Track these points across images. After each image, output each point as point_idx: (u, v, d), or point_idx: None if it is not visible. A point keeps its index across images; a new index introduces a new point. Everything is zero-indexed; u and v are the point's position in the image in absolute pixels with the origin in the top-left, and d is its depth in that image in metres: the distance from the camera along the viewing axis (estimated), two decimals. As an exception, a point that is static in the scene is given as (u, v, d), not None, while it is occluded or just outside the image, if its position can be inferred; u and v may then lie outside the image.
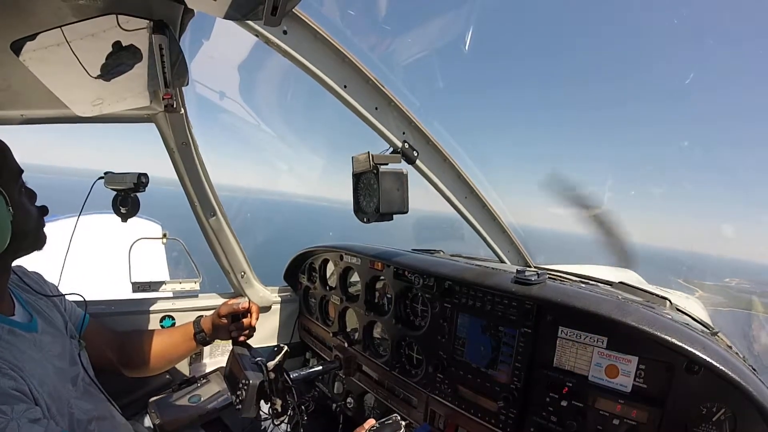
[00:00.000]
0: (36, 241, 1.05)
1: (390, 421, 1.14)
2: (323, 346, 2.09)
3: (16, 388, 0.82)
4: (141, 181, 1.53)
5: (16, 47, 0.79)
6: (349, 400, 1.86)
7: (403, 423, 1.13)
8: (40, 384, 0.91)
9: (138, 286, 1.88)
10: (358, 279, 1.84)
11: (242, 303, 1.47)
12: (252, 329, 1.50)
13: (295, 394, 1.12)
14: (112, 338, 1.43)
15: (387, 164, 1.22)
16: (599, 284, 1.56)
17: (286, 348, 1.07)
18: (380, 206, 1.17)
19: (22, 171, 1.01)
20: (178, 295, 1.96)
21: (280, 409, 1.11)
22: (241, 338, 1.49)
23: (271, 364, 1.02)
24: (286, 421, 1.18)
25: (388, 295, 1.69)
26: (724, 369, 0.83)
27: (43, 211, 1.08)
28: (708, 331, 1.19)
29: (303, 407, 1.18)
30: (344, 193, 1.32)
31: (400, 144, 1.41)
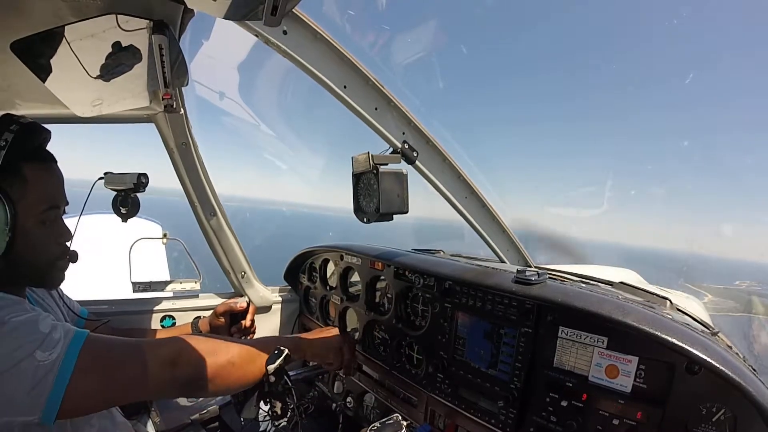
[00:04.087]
0: (41, 279, 1.02)
1: (391, 421, 1.13)
2: (323, 345, 2.09)
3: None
4: (141, 181, 1.53)
5: (16, 47, 0.79)
6: (348, 399, 1.85)
7: (405, 423, 1.12)
8: None
9: (138, 286, 1.89)
10: (359, 279, 1.84)
11: (240, 303, 1.46)
12: (251, 328, 1.50)
13: (294, 396, 1.12)
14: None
15: (387, 164, 1.22)
16: (600, 284, 1.56)
17: (287, 351, 1.06)
18: (380, 206, 1.17)
19: (57, 205, 0.98)
20: (179, 295, 1.96)
21: (279, 412, 1.11)
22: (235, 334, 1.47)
23: (271, 367, 1.02)
24: (285, 422, 1.18)
25: (389, 295, 1.69)
26: (724, 369, 0.83)
27: (71, 256, 1.05)
28: (708, 331, 1.19)
29: (302, 408, 1.18)
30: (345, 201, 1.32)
31: (399, 144, 1.41)
